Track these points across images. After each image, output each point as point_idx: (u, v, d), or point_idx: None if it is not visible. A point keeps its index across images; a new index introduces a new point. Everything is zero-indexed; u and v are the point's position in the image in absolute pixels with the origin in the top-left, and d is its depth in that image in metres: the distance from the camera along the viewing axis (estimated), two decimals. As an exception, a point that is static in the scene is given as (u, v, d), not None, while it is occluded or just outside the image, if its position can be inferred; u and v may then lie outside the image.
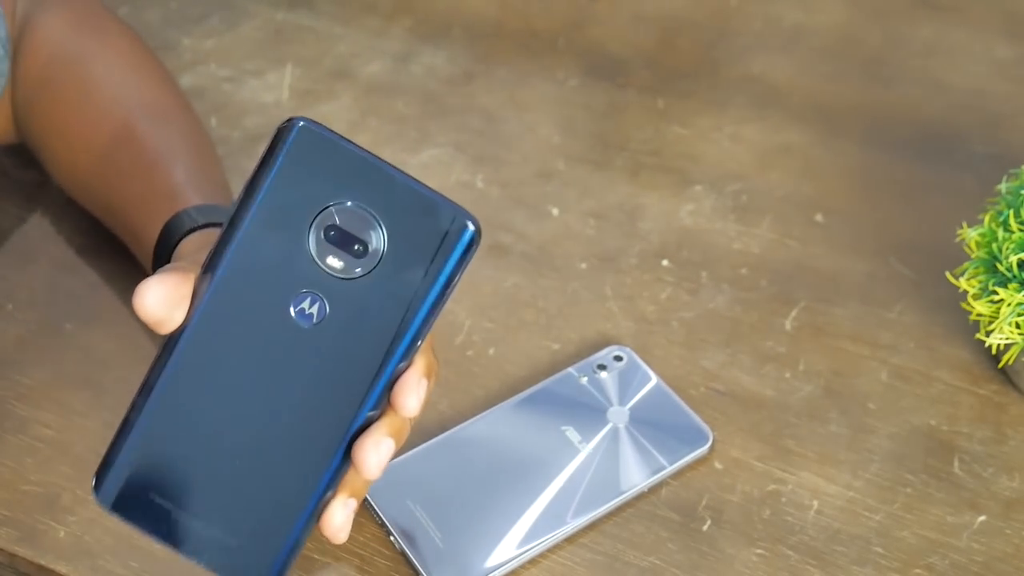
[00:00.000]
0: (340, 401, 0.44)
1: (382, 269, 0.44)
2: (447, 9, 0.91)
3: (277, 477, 0.45)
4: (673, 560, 0.58)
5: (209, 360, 0.45)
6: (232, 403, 0.45)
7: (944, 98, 0.82)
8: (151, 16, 0.90)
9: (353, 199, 0.44)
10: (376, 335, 0.44)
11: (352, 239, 0.44)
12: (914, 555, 0.58)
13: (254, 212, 0.44)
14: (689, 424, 0.62)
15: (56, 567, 0.58)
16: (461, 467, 0.59)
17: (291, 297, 0.44)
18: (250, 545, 0.45)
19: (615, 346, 0.65)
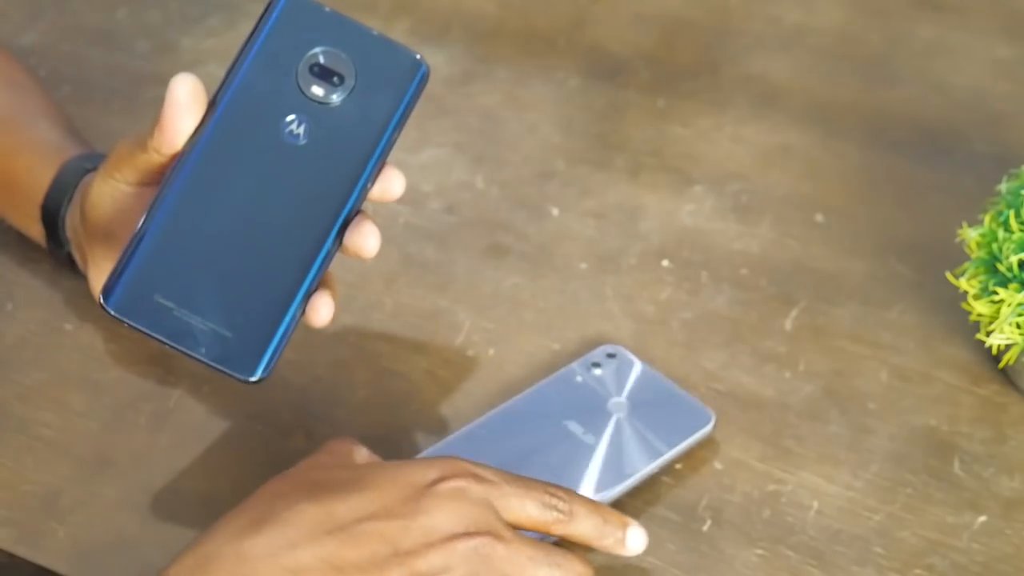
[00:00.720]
0: (325, 205, 0.52)
1: (355, 96, 0.53)
2: (447, 9, 0.91)
3: (270, 274, 0.52)
4: (673, 560, 0.58)
5: (211, 175, 0.52)
6: (231, 212, 0.52)
7: (944, 98, 0.82)
8: (151, 16, 0.90)
9: (331, 45, 0.54)
10: (353, 148, 0.53)
11: (331, 73, 0.53)
12: (914, 555, 0.58)
13: (252, 55, 0.53)
14: (690, 407, 0.62)
15: (56, 567, 0.58)
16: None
17: (282, 120, 0.52)
18: (244, 336, 0.51)
19: (607, 345, 0.65)
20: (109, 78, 0.85)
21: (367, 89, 0.53)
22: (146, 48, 0.87)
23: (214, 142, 0.52)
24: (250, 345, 0.51)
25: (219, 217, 0.52)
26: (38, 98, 0.72)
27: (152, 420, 0.64)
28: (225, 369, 0.51)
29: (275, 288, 0.52)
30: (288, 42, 0.53)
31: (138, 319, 0.51)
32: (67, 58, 0.86)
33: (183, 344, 0.51)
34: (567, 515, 0.53)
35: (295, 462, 0.62)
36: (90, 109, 0.79)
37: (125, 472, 0.62)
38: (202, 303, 0.51)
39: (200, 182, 0.52)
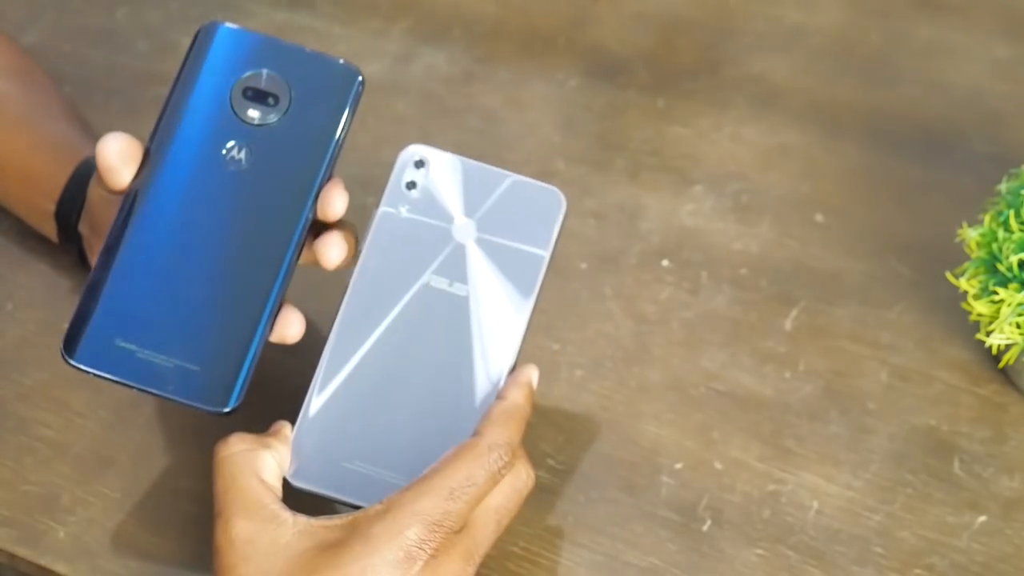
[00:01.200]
0: (277, 226, 0.53)
1: (292, 114, 0.53)
2: (447, 9, 0.91)
3: (230, 302, 0.52)
4: (673, 560, 0.58)
5: (159, 211, 0.52)
6: (184, 245, 0.52)
7: (944, 98, 0.82)
8: (151, 16, 0.90)
9: (262, 66, 0.54)
10: (298, 165, 0.53)
11: (264, 94, 0.53)
12: (914, 555, 0.58)
13: (185, 88, 0.54)
14: (536, 194, 0.56)
15: (56, 567, 0.58)
16: (360, 393, 0.53)
17: (221, 148, 0.53)
18: (212, 367, 0.51)
19: (408, 149, 0.56)
20: (109, 78, 0.85)
21: (304, 106, 0.54)
22: (146, 48, 0.87)
23: (158, 180, 0.53)
24: (219, 376, 0.51)
25: (172, 252, 0.52)
26: (54, 97, 0.73)
27: (152, 420, 0.64)
28: (197, 404, 0.51)
29: (238, 315, 0.52)
30: (218, 70, 0.54)
31: (102, 367, 0.51)
32: (67, 58, 0.86)
33: (151, 385, 0.51)
34: (509, 453, 0.50)
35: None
36: (90, 109, 0.79)
37: (125, 472, 0.62)
38: (165, 341, 0.51)
39: (149, 220, 0.52)
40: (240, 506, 0.49)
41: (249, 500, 0.49)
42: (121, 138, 0.53)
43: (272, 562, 0.48)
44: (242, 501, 0.49)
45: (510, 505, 0.51)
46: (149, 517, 0.60)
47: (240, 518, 0.49)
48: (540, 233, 0.55)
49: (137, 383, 0.51)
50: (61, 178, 0.65)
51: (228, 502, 0.49)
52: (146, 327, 0.51)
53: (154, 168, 0.53)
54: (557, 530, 0.60)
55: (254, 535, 0.49)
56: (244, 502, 0.49)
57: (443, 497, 0.48)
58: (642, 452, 0.63)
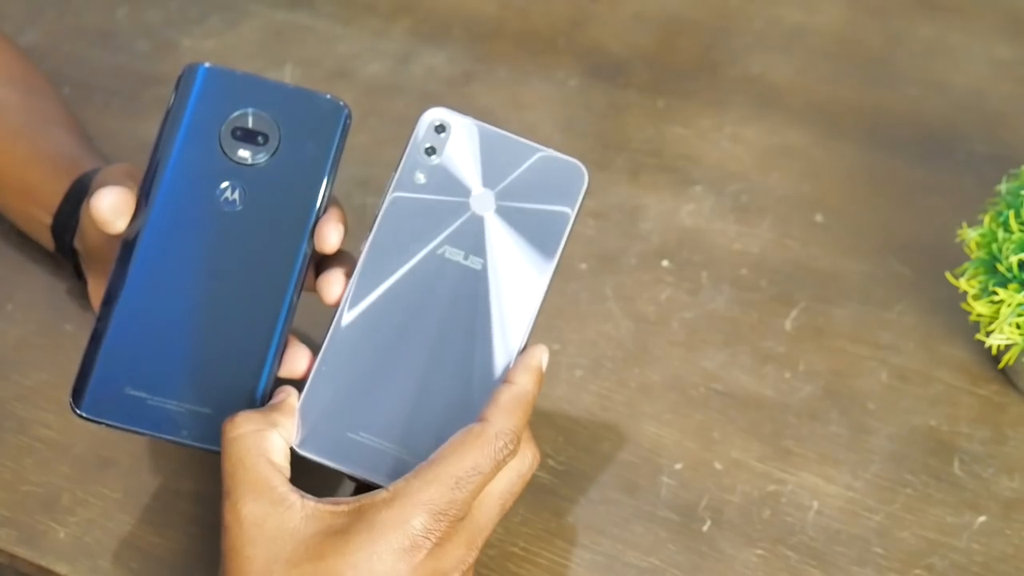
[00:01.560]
0: (276, 263, 0.53)
1: (282, 152, 0.54)
2: (447, 9, 0.91)
3: (236, 342, 0.52)
4: (673, 560, 0.58)
5: (158, 258, 0.52)
6: (185, 289, 0.52)
7: (944, 98, 0.82)
8: (151, 16, 0.90)
9: (249, 106, 0.54)
10: (292, 201, 0.53)
11: (253, 134, 0.54)
12: (914, 555, 0.58)
13: (173, 132, 0.53)
14: (559, 167, 0.54)
15: (56, 568, 0.58)
16: (368, 364, 0.52)
17: (216, 189, 0.53)
18: (223, 409, 0.51)
19: (428, 112, 0.55)
20: (109, 78, 0.85)
21: (293, 142, 0.54)
22: (146, 48, 0.87)
23: (154, 227, 0.53)
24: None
25: (174, 298, 0.52)
26: (55, 105, 0.73)
27: (152, 420, 0.64)
28: (212, 448, 0.51)
29: (244, 356, 0.52)
30: (206, 112, 0.54)
31: (113, 416, 0.51)
32: (67, 58, 0.86)
33: (164, 432, 0.51)
34: (515, 441, 0.50)
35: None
36: (90, 109, 0.79)
37: (125, 472, 0.62)
38: (175, 386, 0.51)
39: (149, 268, 0.52)
40: (248, 488, 0.49)
41: (257, 482, 0.49)
42: (114, 192, 0.53)
43: (279, 546, 0.48)
44: (250, 483, 0.49)
45: (514, 489, 0.51)
46: (149, 517, 0.60)
47: (248, 500, 0.49)
48: (560, 211, 0.54)
49: (150, 431, 0.51)
50: (58, 192, 0.65)
51: (236, 483, 0.49)
52: (154, 374, 0.51)
53: (149, 214, 0.53)
54: (557, 530, 0.60)
55: (262, 518, 0.49)
56: (252, 484, 0.49)
57: (449, 487, 0.48)
58: (642, 452, 0.63)
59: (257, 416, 0.51)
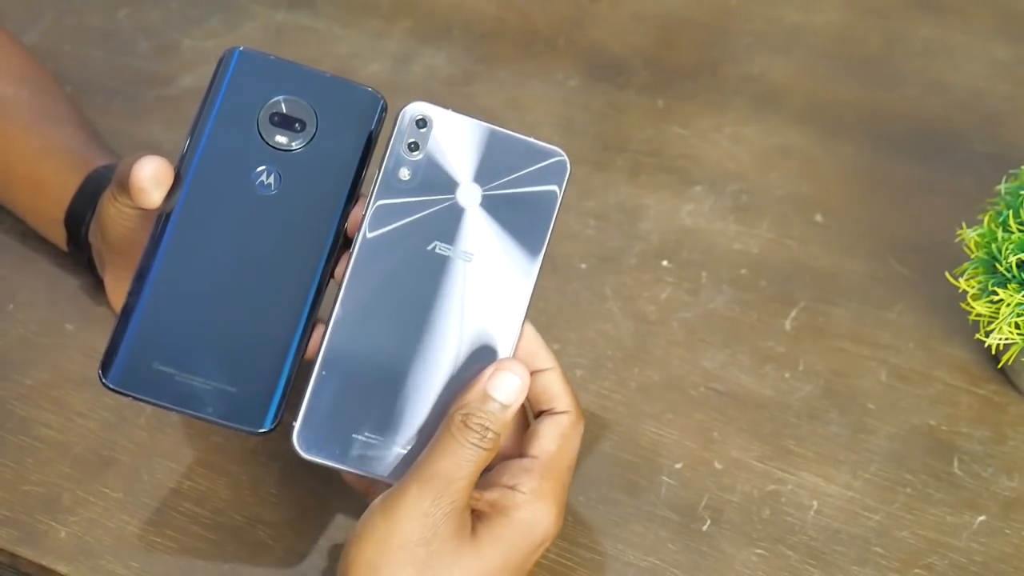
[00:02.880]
0: (307, 248, 0.53)
1: (319, 139, 0.54)
2: (447, 10, 0.91)
3: (264, 323, 0.53)
4: (673, 560, 0.58)
5: (191, 237, 0.53)
6: (217, 269, 0.53)
7: (944, 98, 0.82)
8: (152, 17, 0.90)
9: (288, 92, 0.55)
10: (325, 188, 0.54)
11: (291, 120, 0.54)
12: (914, 555, 0.58)
13: (212, 115, 0.54)
14: (539, 154, 0.54)
15: (57, 567, 0.58)
16: (367, 363, 0.53)
17: (251, 173, 0.54)
18: (249, 388, 0.52)
19: (408, 107, 0.54)
20: (110, 79, 0.85)
21: (330, 131, 0.55)
22: (147, 49, 0.87)
23: (189, 205, 0.53)
24: (257, 397, 0.52)
25: (206, 276, 0.53)
26: (65, 103, 0.73)
27: (152, 420, 0.64)
28: (235, 425, 0.52)
29: (272, 336, 0.53)
30: (245, 96, 0.54)
31: (140, 390, 0.52)
32: (68, 58, 0.86)
33: (189, 407, 0.52)
34: (480, 428, 0.50)
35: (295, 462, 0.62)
36: (91, 109, 0.79)
37: (125, 472, 0.62)
38: (202, 363, 0.52)
39: (182, 246, 0.53)
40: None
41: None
42: (156, 162, 0.53)
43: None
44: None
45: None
46: (150, 517, 0.60)
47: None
48: (544, 200, 0.54)
49: (176, 406, 0.52)
50: (71, 185, 0.65)
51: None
52: (183, 350, 0.52)
53: (184, 192, 0.53)
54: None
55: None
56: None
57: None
58: (642, 452, 0.63)
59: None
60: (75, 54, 0.87)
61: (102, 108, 0.82)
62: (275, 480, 0.61)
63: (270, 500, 0.61)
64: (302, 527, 0.60)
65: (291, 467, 0.62)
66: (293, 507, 0.60)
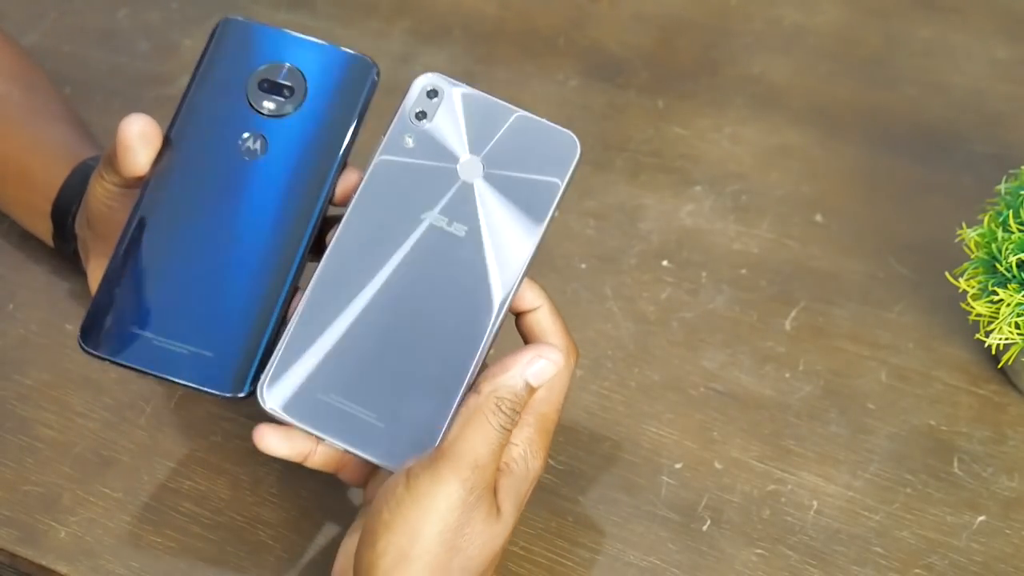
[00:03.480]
0: (294, 214, 0.53)
1: (308, 106, 0.54)
2: (447, 10, 0.91)
3: (246, 288, 0.52)
4: (673, 560, 0.58)
5: (176, 201, 0.53)
6: (202, 234, 0.53)
7: (944, 98, 0.82)
8: (152, 17, 0.90)
9: (278, 59, 0.55)
10: (314, 155, 0.53)
11: (280, 86, 0.54)
12: (914, 555, 0.58)
13: (201, 82, 0.54)
14: (550, 137, 0.54)
15: (57, 567, 0.58)
16: (346, 327, 0.51)
17: (237, 139, 0.54)
18: (225, 353, 0.51)
19: (422, 76, 0.54)
20: (110, 79, 0.85)
21: (320, 97, 0.54)
22: (147, 49, 0.87)
23: (174, 170, 0.53)
24: (233, 362, 0.51)
25: (188, 240, 0.53)
26: (57, 101, 0.73)
27: (152, 420, 0.64)
28: (210, 390, 0.51)
29: (252, 302, 0.52)
30: (235, 63, 0.55)
31: (118, 354, 0.51)
32: (68, 59, 0.86)
33: (165, 371, 0.51)
34: (512, 412, 0.50)
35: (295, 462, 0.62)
36: (91, 109, 0.79)
37: (126, 472, 0.62)
38: (180, 328, 0.52)
39: (166, 208, 0.53)
40: None
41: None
42: (144, 120, 0.53)
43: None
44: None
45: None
46: (150, 517, 0.60)
47: None
48: (548, 184, 0.53)
49: (152, 369, 0.51)
50: (58, 177, 0.65)
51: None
52: (162, 315, 0.52)
53: (171, 157, 0.53)
54: (557, 530, 0.60)
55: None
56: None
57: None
58: (642, 452, 0.63)
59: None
60: (75, 54, 0.87)
61: (102, 108, 0.82)
62: (275, 480, 0.61)
63: (270, 500, 0.61)
64: (302, 527, 0.60)
65: (291, 467, 0.62)
66: (293, 507, 0.60)
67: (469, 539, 0.48)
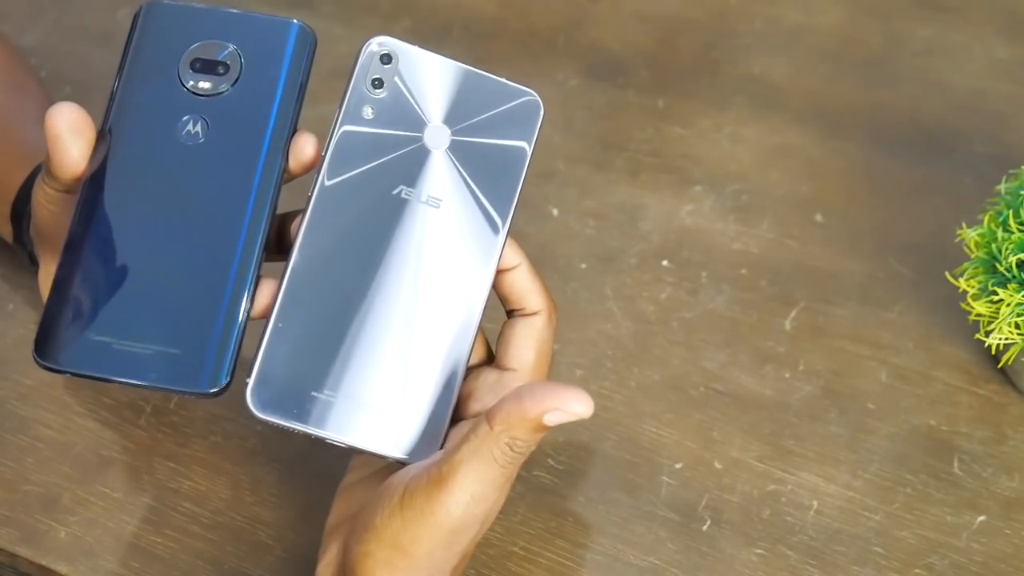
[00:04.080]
0: (235, 195, 0.50)
1: (244, 80, 0.52)
2: (447, 9, 0.91)
3: (204, 279, 0.49)
4: (673, 560, 0.58)
5: (119, 196, 0.50)
6: (148, 228, 0.50)
7: (944, 98, 0.82)
8: (151, 16, 0.90)
9: (207, 37, 0.52)
10: (258, 131, 0.51)
11: (213, 64, 0.52)
12: (914, 555, 0.58)
13: (131, 69, 0.52)
14: (511, 94, 0.52)
15: (57, 567, 0.58)
16: (327, 317, 0.49)
17: (176, 124, 0.51)
18: (192, 349, 0.48)
19: (371, 40, 0.52)
20: (110, 79, 0.85)
21: (255, 70, 0.52)
22: (147, 48, 0.87)
23: (114, 165, 0.51)
24: (201, 357, 0.48)
25: (137, 235, 0.50)
26: (37, 103, 0.72)
27: (152, 420, 0.64)
28: (180, 389, 0.48)
29: (213, 292, 0.49)
30: (162, 47, 0.52)
31: (77, 365, 0.48)
32: (68, 58, 0.86)
33: (131, 376, 0.48)
34: (523, 452, 0.47)
35: (295, 462, 0.62)
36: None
37: (125, 472, 0.62)
38: (140, 327, 0.48)
39: (110, 205, 0.50)
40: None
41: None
42: (71, 107, 0.50)
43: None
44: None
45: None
46: (150, 517, 0.60)
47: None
48: (516, 145, 0.51)
49: (117, 376, 0.48)
50: (18, 180, 0.64)
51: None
52: (118, 316, 0.48)
53: (109, 152, 0.51)
54: (557, 530, 0.60)
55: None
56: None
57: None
58: (642, 452, 0.63)
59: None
60: (75, 54, 0.87)
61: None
62: (275, 480, 0.61)
63: (270, 500, 0.61)
64: (302, 527, 0.60)
65: (291, 467, 0.62)
66: (293, 507, 0.60)
67: (456, 551, 0.48)
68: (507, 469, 0.47)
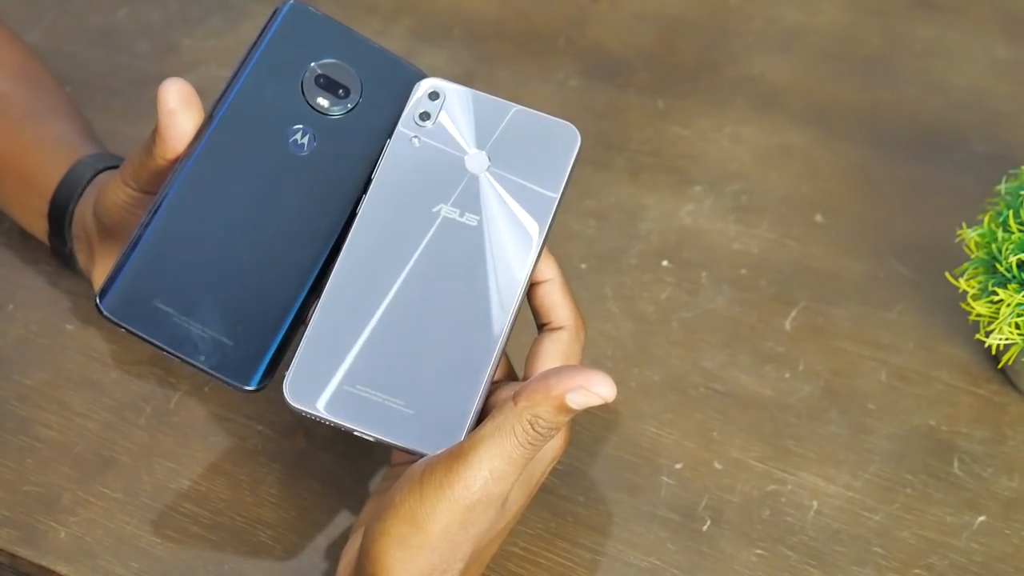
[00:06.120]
0: (326, 216, 0.52)
1: (360, 109, 0.54)
2: (447, 9, 0.91)
3: (270, 282, 0.51)
4: (673, 560, 0.58)
5: (213, 180, 0.52)
6: (233, 218, 0.51)
7: (944, 98, 0.82)
8: (152, 17, 0.90)
9: (338, 57, 0.54)
10: (356, 160, 0.53)
11: (336, 85, 0.54)
12: (913, 555, 0.58)
13: (256, 63, 0.53)
14: (550, 130, 0.55)
15: (57, 568, 0.58)
16: (367, 318, 0.51)
17: (287, 129, 0.53)
18: (244, 344, 0.50)
19: (421, 82, 0.55)
20: (110, 79, 0.85)
21: (371, 103, 0.54)
22: (147, 49, 0.87)
23: (215, 148, 0.52)
24: (250, 354, 0.51)
25: (220, 223, 0.51)
26: (58, 98, 0.73)
27: (152, 420, 0.64)
28: (224, 377, 0.50)
29: (276, 297, 0.51)
30: (293, 51, 0.54)
31: (135, 323, 0.50)
32: (68, 59, 0.86)
33: (182, 351, 0.50)
34: (546, 432, 0.48)
35: (295, 462, 0.62)
36: (91, 110, 0.79)
37: (125, 472, 0.62)
38: (202, 310, 0.50)
39: (202, 187, 0.51)
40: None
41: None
42: (183, 83, 0.52)
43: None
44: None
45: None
46: (150, 517, 0.60)
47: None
48: (552, 172, 0.54)
49: (168, 346, 0.50)
50: (56, 175, 0.65)
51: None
52: (186, 294, 0.50)
53: (212, 133, 0.52)
54: (557, 530, 0.60)
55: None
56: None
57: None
58: (642, 452, 0.63)
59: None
60: (75, 54, 0.87)
61: (102, 108, 0.82)
62: (275, 480, 0.61)
63: (270, 500, 0.61)
64: (302, 527, 0.60)
65: (291, 467, 0.62)
66: (293, 507, 0.60)
67: (471, 533, 0.48)
68: (527, 449, 0.47)
